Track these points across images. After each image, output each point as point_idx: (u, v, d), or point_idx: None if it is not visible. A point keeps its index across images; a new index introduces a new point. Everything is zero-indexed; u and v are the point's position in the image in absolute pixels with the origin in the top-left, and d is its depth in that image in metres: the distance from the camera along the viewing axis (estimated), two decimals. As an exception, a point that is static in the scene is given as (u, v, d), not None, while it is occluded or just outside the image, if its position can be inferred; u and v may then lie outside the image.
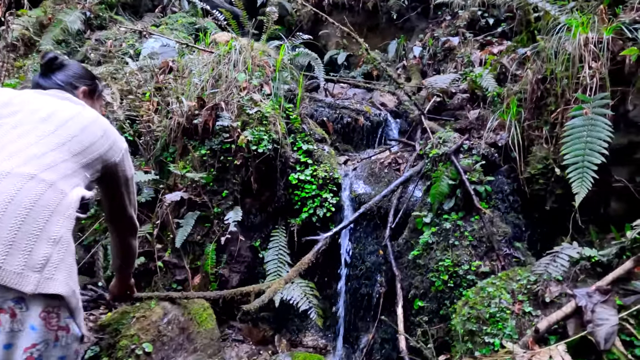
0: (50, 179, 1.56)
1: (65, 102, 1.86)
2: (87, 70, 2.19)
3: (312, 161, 4.28)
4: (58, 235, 1.49)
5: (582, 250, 2.71)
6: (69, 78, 2.04)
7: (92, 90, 2.13)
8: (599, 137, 2.89)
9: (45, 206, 1.49)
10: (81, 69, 2.14)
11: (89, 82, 2.12)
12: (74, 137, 1.72)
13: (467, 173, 3.47)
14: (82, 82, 2.08)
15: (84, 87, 2.08)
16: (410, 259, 3.68)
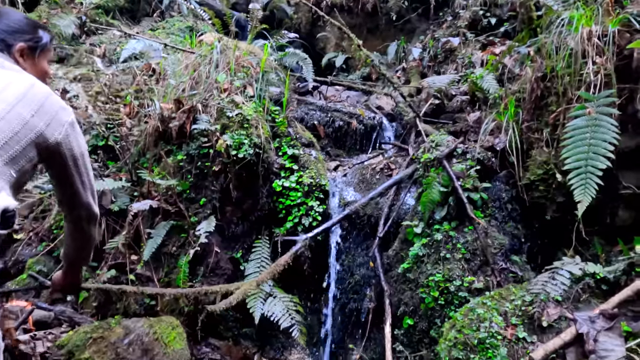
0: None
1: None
2: (27, 20, 1.78)
3: (297, 167, 4.02)
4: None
5: (586, 266, 2.41)
6: (2, 34, 1.68)
7: (32, 47, 1.74)
8: (604, 139, 2.60)
9: None
10: (19, 20, 1.75)
11: (28, 36, 1.73)
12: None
13: (460, 179, 3.19)
14: (19, 38, 1.70)
15: (21, 44, 1.70)
16: (400, 273, 3.40)
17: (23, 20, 1.76)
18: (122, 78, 4.69)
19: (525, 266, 3.05)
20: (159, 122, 3.70)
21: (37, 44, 1.76)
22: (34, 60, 1.76)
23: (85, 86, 4.38)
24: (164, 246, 3.57)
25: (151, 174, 3.53)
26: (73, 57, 6.24)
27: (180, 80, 4.00)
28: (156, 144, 3.82)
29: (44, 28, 1.84)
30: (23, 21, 1.76)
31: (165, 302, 3.38)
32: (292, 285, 3.87)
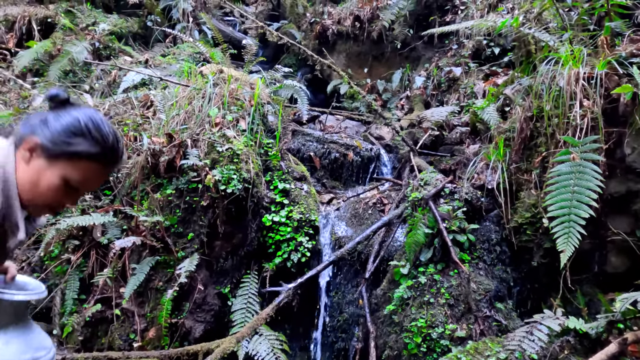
0: None
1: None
2: (75, 122, 1.33)
3: (288, 201, 4.00)
4: None
5: (566, 320, 2.31)
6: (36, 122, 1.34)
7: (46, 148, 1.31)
8: (588, 186, 2.51)
9: None
10: (64, 118, 1.33)
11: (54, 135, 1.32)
12: None
13: (445, 221, 3.12)
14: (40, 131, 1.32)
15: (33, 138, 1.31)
16: (386, 314, 3.32)
17: (69, 118, 1.34)
18: (122, 108, 4.77)
19: (511, 314, 2.94)
20: (149, 156, 3.73)
21: (58, 148, 1.31)
22: (42, 163, 1.32)
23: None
24: (150, 281, 3.56)
25: (138, 209, 3.55)
26: (85, 82, 6.40)
27: (175, 113, 4.04)
28: (148, 177, 3.85)
29: (94, 140, 1.35)
30: (67, 119, 1.34)
31: (147, 340, 3.35)
32: (280, 320, 3.82)
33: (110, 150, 1.38)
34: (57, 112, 1.35)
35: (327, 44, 7.78)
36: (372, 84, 7.36)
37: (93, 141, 1.34)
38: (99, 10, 7.41)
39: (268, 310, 3.23)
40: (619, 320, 2.20)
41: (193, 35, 8.05)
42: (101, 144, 1.36)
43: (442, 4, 7.02)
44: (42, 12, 6.92)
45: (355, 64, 7.74)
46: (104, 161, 1.37)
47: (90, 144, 1.34)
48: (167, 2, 7.88)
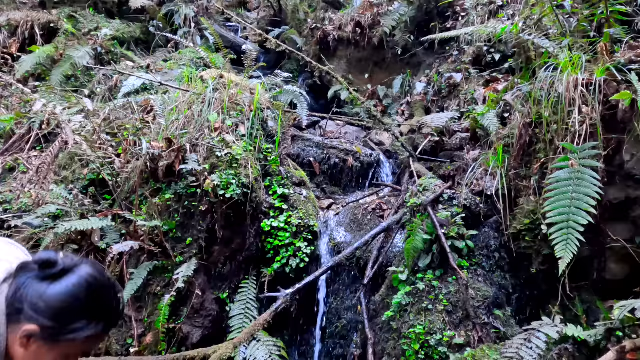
0: None
1: None
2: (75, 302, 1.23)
3: (287, 207, 3.99)
4: None
5: (565, 328, 2.30)
6: (28, 303, 1.22)
7: (46, 336, 1.22)
8: (586, 193, 2.51)
9: None
10: (60, 300, 1.22)
11: (51, 323, 1.22)
12: None
13: (444, 227, 3.11)
14: (36, 317, 1.21)
15: (30, 327, 1.21)
16: (385, 321, 3.30)
17: (66, 299, 1.23)
18: (122, 113, 4.78)
19: (510, 321, 2.92)
20: (148, 160, 3.73)
21: (57, 334, 1.23)
22: (41, 349, 1.24)
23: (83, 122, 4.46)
24: (148, 286, 3.55)
25: (137, 213, 3.55)
26: (86, 87, 6.42)
27: (174, 118, 4.05)
28: (147, 181, 3.85)
29: (94, 318, 1.26)
30: (64, 300, 1.23)
31: (144, 345, 3.34)
32: (278, 326, 3.80)
33: (113, 318, 1.33)
34: (52, 285, 1.24)
35: (328, 50, 7.80)
36: (373, 90, 7.37)
37: (96, 320, 1.26)
38: (101, 15, 7.45)
39: (266, 316, 3.22)
40: (618, 328, 2.18)
41: (195, 40, 8.08)
42: (104, 318, 1.28)
43: (443, 11, 7.03)
44: (45, 17, 6.96)
45: (356, 70, 7.75)
46: (107, 330, 1.32)
47: (93, 325, 1.25)
48: (169, 8, 7.92)
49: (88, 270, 1.28)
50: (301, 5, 8.55)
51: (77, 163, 4.27)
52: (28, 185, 4.27)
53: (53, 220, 3.72)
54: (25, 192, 4.14)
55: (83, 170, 4.19)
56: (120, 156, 4.02)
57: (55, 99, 5.54)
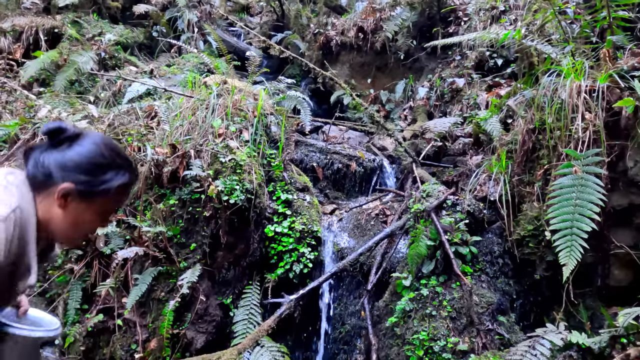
0: None
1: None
2: (100, 156, 1.35)
3: (291, 212, 4.00)
4: None
5: (569, 335, 2.30)
6: (55, 164, 1.31)
7: (82, 191, 1.32)
8: (590, 199, 2.51)
9: None
10: (87, 154, 1.33)
11: (84, 177, 1.32)
12: None
13: (447, 233, 3.12)
14: (69, 176, 1.31)
15: (66, 185, 1.30)
16: (389, 326, 3.30)
17: (94, 155, 1.34)
18: (126, 119, 4.80)
19: (514, 327, 2.93)
20: (153, 166, 3.75)
21: (91, 189, 1.33)
22: (80, 205, 1.34)
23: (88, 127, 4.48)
24: (152, 291, 3.57)
25: (141, 219, 3.56)
26: (90, 92, 6.45)
27: (179, 124, 4.07)
28: (151, 187, 3.87)
29: (119, 169, 1.37)
30: (93, 156, 1.34)
31: (149, 351, 3.35)
32: (282, 332, 3.81)
33: (134, 169, 1.44)
34: (71, 148, 1.34)
35: (330, 55, 7.83)
36: (376, 95, 7.39)
37: (122, 170, 1.37)
38: (105, 20, 7.49)
39: (270, 322, 3.23)
40: (622, 335, 2.19)
41: (198, 45, 8.11)
42: (128, 168, 1.39)
43: (445, 16, 7.06)
44: (49, 22, 6.99)
45: (359, 75, 7.77)
46: (134, 180, 1.43)
47: (122, 174, 1.37)
48: (172, 13, 7.96)
49: (96, 133, 1.44)
50: (304, 10, 8.58)
51: (81, 168, 4.30)
52: (33, 191, 4.29)
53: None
54: (30, 198, 4.16)
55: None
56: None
57: (59, 104, 5.57)
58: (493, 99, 5.07)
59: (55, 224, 1.34)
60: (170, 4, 8.11)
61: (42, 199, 1.32)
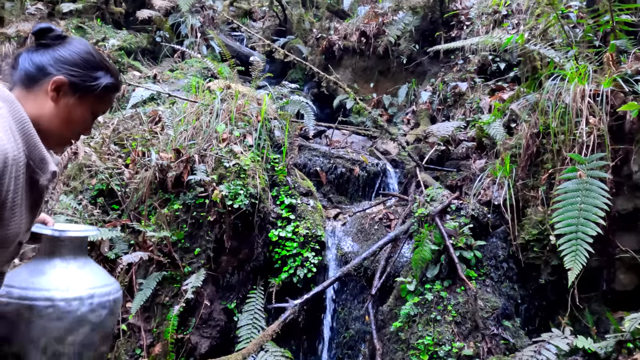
0: None
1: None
2: (90, 55, 1.41)
3: (294, 217, 4.01)
4: None
5: (575, 340, 2.29)
6: (48, 60, 1.36)
7: (75, 84, 1.36)
8: (594, 204, 2.51)
9: None
10: (78, 52, 1.39)
11: (76, 70, 1.37)
12: None
13: (451, 237, 3.12)
14: (63, 69, 1.35)
15: (60, 77, 1.34)
16: (393, 331, 3.30)
17: (84, 53, 1.41)
18: (130, 124, 4.82)
19: (519, 332, 2.92)
20: (157, 171, 3.76)
21: (83, 83, 1.38)
22: (71, 100, 1.37)
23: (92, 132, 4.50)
24: (156, 296, 3.57)
25: (146, 224, 3.57)
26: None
27: (183, 129, 4.08)
28: (155, 192, 3.88)
29: (108, 71, 1.44)
30: (83, 54, 1.40)
31: (153, 356, 3.35)
32: (286, 336, 3.80)
33: (119, 76, 1.50)
34: (62, 46, 1.39)
35: (333, 59, 7.86)
36: (378, 99, 7.40)
37: (109, 72, 1.44)
38: (108, 26, 7.53)
39: (274, 327, 3.23)
40: (629, 340, 2.18)
41: (201, 50, 8.15)
42: (114, 72, 1.46)
43: (448, 20, 7.08)
44: (54, 28, 7.02)
45: (362, 79, 7.79)
46: (118, 87, 1.49)
47: (109, 76, 1.43)
48: (175, 19, 8.00)
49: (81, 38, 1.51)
50: (306, 15, 8.62)
51: (86, 173, 4.30)
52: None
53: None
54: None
55: (92, 181, 4.22)
56: (129, 167, 4.05)
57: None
58: (496, 102, 5.07)
59: (47, 120, 1.35)
60: (173, 9, 8.15)
61: (34, 95, 1.35)
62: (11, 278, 1.50)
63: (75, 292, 1.53)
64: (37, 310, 1.47)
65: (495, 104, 4.98)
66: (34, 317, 1.46)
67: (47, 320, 1.47)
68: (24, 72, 1.36)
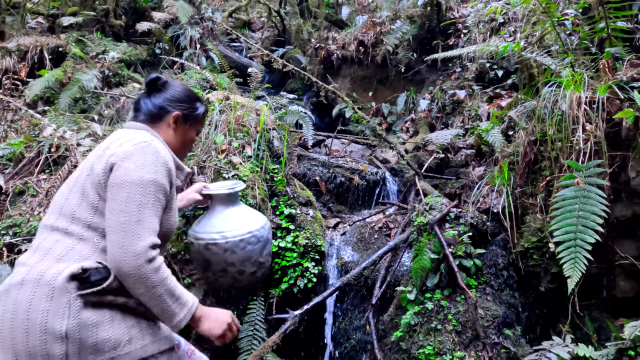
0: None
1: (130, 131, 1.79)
2: (189, 92, 1.99)
3: (294, 227, 4.00)
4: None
5: (575, 348, 2.28)
6: (164, 101, 1.90)
7: (186, 115, 1.93)
8: (593, 211, 2.51)
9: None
10: (181, 91, 1.96)
11: (185, 105, 1.94)
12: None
13: (451, 246, 3.11)
14: (176, 106, 1.91)
15: (177, 112, 1.90)
16: (394, 341, 3.28)
17: (185, 91, 1.98)
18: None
19: (520, 340, 2.90)
20: (156, 183, 3.77)
21: (191, 114, 1.95)
22: (185, 128, 1.94)
23: (92, 145, 4.51)
24: (156, 308, 3.56)
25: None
26: (94, 109, 6.51)
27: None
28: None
29: (201, 101, 2.03)
30: (185, 92, 1.97)
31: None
32: (286, 347, 3.79)
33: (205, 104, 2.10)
34: (169, 89, 1.94)
35: (332, 69, 7.89)
36: (377, 107, 7.43)
37: (202, 102, 2.04)
38: (108, 38, 7.58)
39: (275, 338, 3.21)
40: (629, 348, 2.17)
41: (200, 61, 8.19)
42: (203, 100, 2.11)
43: (445, 28, 7.12)
44: (54, 41, 7.08)
45: (360, 88, 7.83)
46: (207, 110, 2.11)
47: (203, 105, 2.04)
48: (175, 30, 8.06)
49: (177, 80, 2.27)
50: (305, 25, 8.67)
51: (85, 186, 4.32)
52: (37, 209, 4.31)
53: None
54: (35, 216, 4.18)
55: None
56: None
57: (63, 122, 5.62)
58: (494, 110, 5.09)
59: (172, 144, 1.90)
60: (172, 21, 8.21)
61: (159, 128, 1.88)
62: (195, 229, 2.33)
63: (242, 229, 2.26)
64: (219, 245, 2.21)
65: (493, 112, 4.99)
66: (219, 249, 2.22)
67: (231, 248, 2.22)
68: (149, 112, 1.89)
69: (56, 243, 1.58)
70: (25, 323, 1.42)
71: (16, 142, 4.80)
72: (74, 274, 1.48)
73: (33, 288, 1.46)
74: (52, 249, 1.56)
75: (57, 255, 1.55)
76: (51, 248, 1.56)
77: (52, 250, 1.56)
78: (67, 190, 1.67)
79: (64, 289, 1.46)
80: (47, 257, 1.54)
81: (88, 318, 1.45)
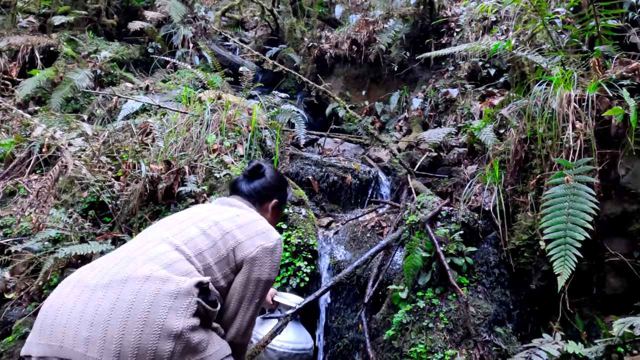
0: None
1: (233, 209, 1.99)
2: (283, 179, 2.25)
3: (286, 226, 4.00)
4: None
5: (565, 345, 2.29)
6: (265, 189, 2.14)
7: (282, 201, 2.22)
8: (582, 208, 2.52)
9: None
10: (277, 180, 2.21)
11: (281, 193, 2.21)
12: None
13: (442, 244, 3.11)
14: (276, 195, 2.18)
15: (276, 200, 2.18)
16: (386, 340, 3.28)
17: (280, 179, 2.25)
18: (121, 136, 4.82)
19: (511, 338, 2.91)
20: (148, 183, 3.75)
21: (283, 200, 2.23)
22: (277, 211, 2.21)
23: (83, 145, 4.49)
24: (148, 309, 3.54)
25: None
26: (86, 109, 6.47)
27: (173, 140, 4.08)
28: (146, 204, 3.87)
29: (289, 186, 2.29)
30: (280, 180, 2.24)
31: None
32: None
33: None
34: (266, 176, 2.18)
35: (325, 67, 7.89)
36: (370, 106, 7.42)
37: (289, 186, 2.29)
38: (100, 38, 7.54)
39: (266, 338, 3.19)
40: (618, 344, 2.18)
41: (193, 60, 8.16)
42: (288, 183, 2.41)
43: (438, 27, 7.12)
44: (45, 41, 7.03)
45: (354, 87, 7.82)
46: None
47: (290, 189, 2.31)
48: (167, 30, 8.02)
49: (269, 164, 2.39)
50: (298, 24, 8.65)
51: (76, 186, 4.29)
52: (28, 209, 4.28)
53: (53, 244, 3.73)
54: (26, 216, 4.16)
55: (83, 194, 4.21)
56: (119, 179, 4.05)
57: (55, 122, 5.58)
58: (487, 108, 5.10)
59: (270, 222, 2.08)
60: (165, 21, 8.17)
61: (258, 209, 2.11)
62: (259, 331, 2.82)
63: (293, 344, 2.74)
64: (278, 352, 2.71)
65: (485, 110, 5.00)
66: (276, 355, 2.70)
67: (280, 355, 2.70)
68: (251, 195, 2.13)
69: (179, 262, 1.67)
70: (144, 315, 1.45)
71: (7, 142, 4.77)
72: (200, 282, 1.58)
73: (160, 284, 1.52)
74: (174, 265, 1.64)
75: (179, 271, 1.63)
76: (174, 263, 1.65)
77: (175, 266, 1.64)
78: (200, 231, 1.81)
79: (189, 292, 1.54)
80: (169, 269, 1.61)
81: (194, 322, 1.54)
